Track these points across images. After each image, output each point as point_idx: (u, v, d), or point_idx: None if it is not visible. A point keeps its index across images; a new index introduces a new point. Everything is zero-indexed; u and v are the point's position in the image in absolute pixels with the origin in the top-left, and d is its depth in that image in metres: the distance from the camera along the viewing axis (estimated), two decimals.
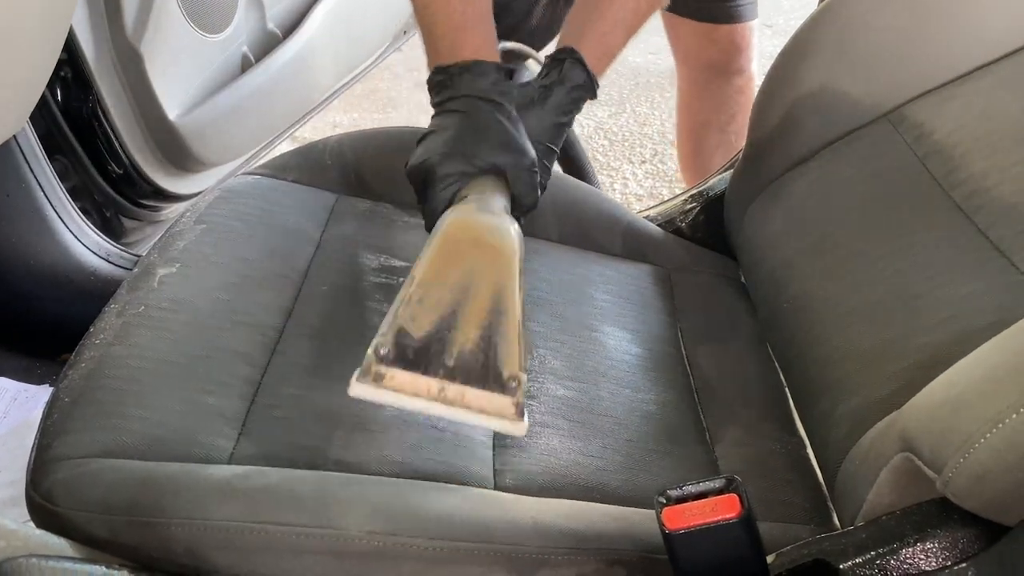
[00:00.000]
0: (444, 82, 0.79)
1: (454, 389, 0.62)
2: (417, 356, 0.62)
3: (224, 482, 0.60)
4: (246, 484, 0.60)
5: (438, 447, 0.69)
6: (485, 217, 0.68)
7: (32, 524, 0.62)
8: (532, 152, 0.77)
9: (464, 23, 0.79)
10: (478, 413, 0.62)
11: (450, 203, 0.74)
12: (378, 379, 0.61)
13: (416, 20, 0.83)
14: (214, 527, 0.57)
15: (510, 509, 0.62)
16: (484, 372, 0.62)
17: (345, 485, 0.62)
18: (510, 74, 0.80)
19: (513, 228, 0.68)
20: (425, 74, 0.83)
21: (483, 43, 0.80)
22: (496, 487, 0.67)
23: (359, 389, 0.61)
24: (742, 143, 1.41)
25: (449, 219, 0.67)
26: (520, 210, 0.77)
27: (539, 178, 0.78)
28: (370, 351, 0.61)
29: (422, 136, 0.78)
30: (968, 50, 0.83)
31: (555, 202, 0.99)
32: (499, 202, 0.73)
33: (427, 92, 0.82)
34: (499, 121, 0.76)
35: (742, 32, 1.37)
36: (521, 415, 0.62)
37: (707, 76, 1.42)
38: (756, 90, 1.41)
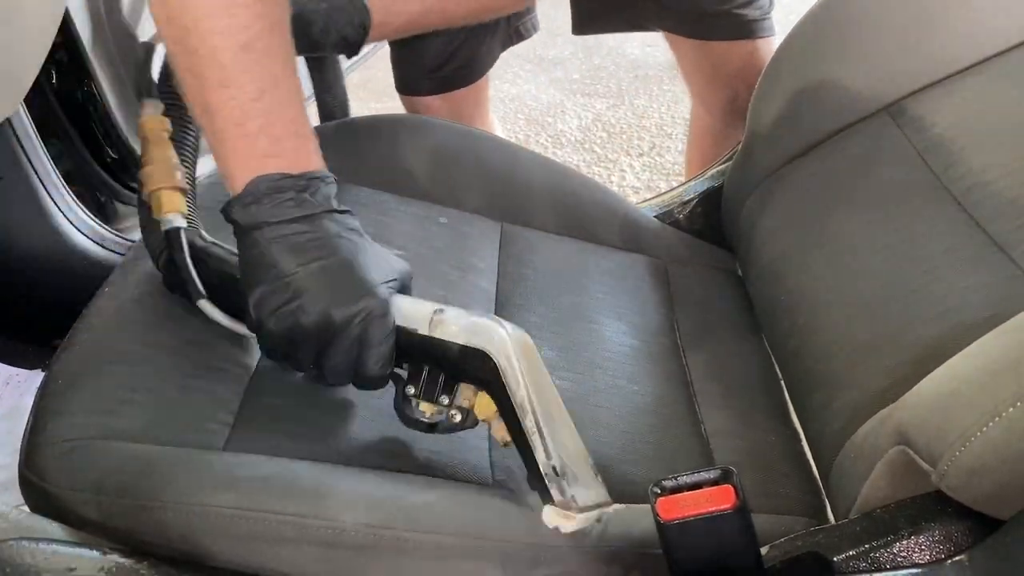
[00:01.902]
0: (286, 196, 0.62)
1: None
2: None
3: (221, 469, 0.60)
4: (243, 472, 0.60)
5: (435, 441, 0.69)
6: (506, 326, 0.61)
7: (25, 508, 0.62)
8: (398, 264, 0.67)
9: (308, 132, 0.65)
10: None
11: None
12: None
13: (217, 114, 0.62)
14: (209, 513, 0.57)
15: (506, 506, 0.62)
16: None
17: (341, 477, 0.61)
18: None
19: (509, 326, 0.61)
20: None
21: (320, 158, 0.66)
22: (493, 479, 0.67)
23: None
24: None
25: (500, 343, 0.59)
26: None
27: None
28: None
29: (284, 276, 0.60)
30: (969, 45, 0.83)
31: (553, 192, 0.99)
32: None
33: None
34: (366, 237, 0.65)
35: (764, 57, 1.21)
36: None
37: (720, 123, 1.34)
38: None
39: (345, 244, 0.62)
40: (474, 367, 0.60)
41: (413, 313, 0.62)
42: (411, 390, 0.63)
